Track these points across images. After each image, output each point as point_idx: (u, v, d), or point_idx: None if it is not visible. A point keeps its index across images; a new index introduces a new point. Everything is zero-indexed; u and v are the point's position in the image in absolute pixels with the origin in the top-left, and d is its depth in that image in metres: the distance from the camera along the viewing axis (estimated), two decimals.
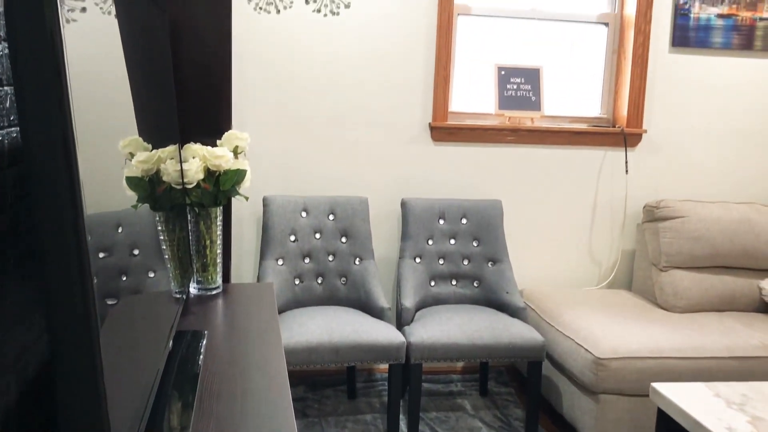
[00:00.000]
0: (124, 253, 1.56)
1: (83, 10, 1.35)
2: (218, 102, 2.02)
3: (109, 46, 1.44)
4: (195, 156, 1.85)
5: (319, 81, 3.12)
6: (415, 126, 3.23)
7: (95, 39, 1.31)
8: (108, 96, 1.39)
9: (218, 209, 1.91)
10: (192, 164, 1.82)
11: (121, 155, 1.44)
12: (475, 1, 3.30)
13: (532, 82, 3.32)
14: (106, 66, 1.42)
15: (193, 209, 1.88)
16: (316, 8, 3.06)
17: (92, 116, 1.08)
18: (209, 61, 2.00)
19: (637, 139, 3.39)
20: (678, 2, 3.33)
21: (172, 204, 1.86)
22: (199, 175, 1.83)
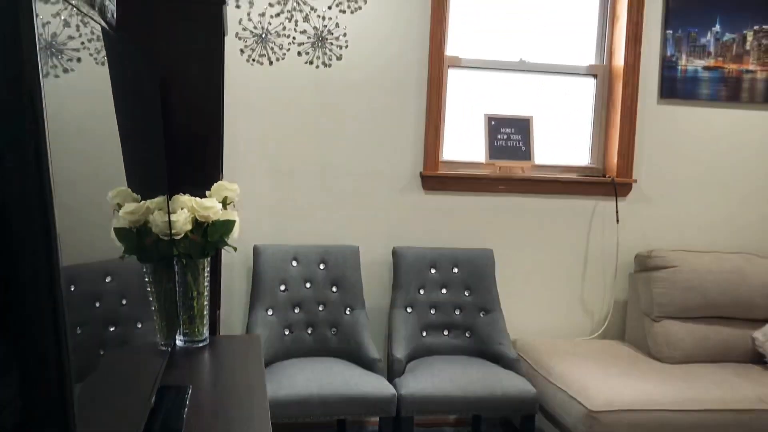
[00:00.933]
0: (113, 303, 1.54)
1: (78, 60, 1.36)
2: (208, 153, 2.03)
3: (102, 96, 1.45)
4: (183, 207, 1.84)
5: (311, 130, 3.14)
6: (406, 175, 3.25)
7: (88, 89, 1.32)
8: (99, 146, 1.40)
9: (206, 260, 1.89)
10: (180, 215, 1.82)
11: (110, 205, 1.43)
12: (465, 53, 3.35)
13: (522, 132, 3.36)
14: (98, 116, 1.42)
15: (180, 260, 1.87)
16: (309, 60, 3.10)
17: (83, 165, 1.08)
18: (200, 112, 2.02)
19: (627, 188, 3.41)
20: (665, 55, 3.40)
21: (159, 255, 1.85)
22: (187, 226, 1.83)
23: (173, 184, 2.03)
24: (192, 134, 2.03)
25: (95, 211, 1.29)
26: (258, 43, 3.05)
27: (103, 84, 1.44)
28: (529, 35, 3.42)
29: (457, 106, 3.38)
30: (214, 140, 2.05)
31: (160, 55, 1.98)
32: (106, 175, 1.49)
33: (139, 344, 1.54)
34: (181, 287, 1.88)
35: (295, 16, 3.07)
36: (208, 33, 2.00)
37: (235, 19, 3.02)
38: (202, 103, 2.02)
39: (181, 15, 1.98)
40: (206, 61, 2.01)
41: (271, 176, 3.13)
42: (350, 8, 3.12)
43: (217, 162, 2.05)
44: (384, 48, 3.17)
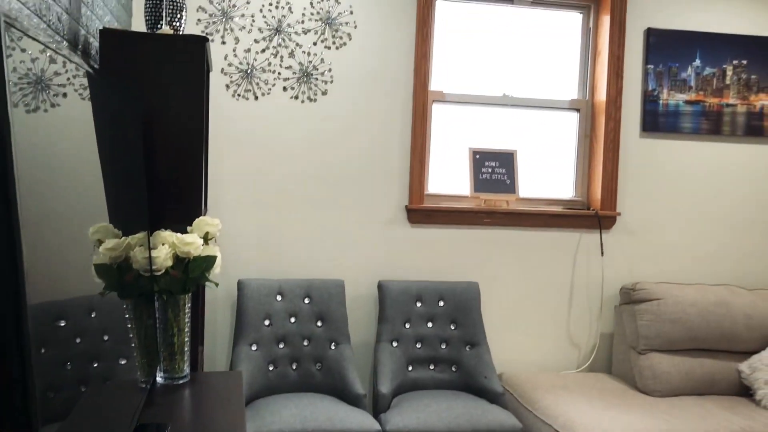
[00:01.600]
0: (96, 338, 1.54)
1: (64, 96, 1.38)
2: (191, 188, 2.04)
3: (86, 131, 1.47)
4: (164, 243, 1.85)
5: (296, 164, 3.16)
6: (391, 208, 3.26)
7: (73, 124, 1.33)
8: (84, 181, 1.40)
9: (187, 297, 1.89)
10: (161, 251, 1.82)
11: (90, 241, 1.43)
12: (449, 88, 3.40)
13: (506, 165, 3.39)
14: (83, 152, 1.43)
15: (161, 296, 1.86)
16: (294, 95, 3.14)
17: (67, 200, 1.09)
18: (183, 148, 2.04)
19: (611, 221, 3.44)
20: (647, 89, 3.45)
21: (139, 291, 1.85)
22: (168, 262, 1.83)
23: (155, 219, 2.03)
24: (174, 170, 2.04)
25: (80, 246, 1.30)
26: (244, 78, 3.09)
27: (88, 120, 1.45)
28: (512, 70, 3.48)
29: (441, 139, 3.41)
30: (197, 176, 2.06)
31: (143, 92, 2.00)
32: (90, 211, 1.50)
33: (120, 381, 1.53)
34: (161, 323, 1.87)
35: (280, 52, 3.12)
36: (191, 70, 2.03)
37: (221, 55, 3.06)
38: (185, 140, 2.04)
39: (165, 52, 2.01)
40: (189, 98, 2.03)
41: (256, 210, 3.14)
42: (335, 44, 3.16)
43: (199, 197, 2.06)
44: (369, 83, 3.21)
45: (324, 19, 3.14)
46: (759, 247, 3.60)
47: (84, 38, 2.00)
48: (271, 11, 3.10)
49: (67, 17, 1.78)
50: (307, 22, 3.13)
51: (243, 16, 3.07)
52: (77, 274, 1.22)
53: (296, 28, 3.12)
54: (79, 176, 1.36)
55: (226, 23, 3.06)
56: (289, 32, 3.12)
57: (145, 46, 1.99)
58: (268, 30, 3.10)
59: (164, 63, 2.00)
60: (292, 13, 3.12)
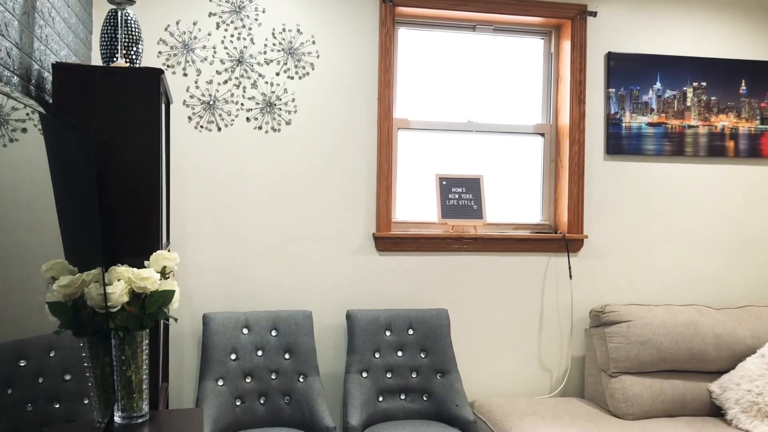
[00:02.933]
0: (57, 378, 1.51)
1: (24, 131, 1.37)
2: (147, 222, 2.02)
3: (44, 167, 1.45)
4: (120, 278, 1.83)
5: (261, 194, 3.16)
6: (359, 237, 3.26)
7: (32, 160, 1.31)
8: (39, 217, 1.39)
9: (144, 333, 1.87)
10: (116, 287, 1.80)
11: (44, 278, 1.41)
12: (414, 115, 3.43)
13: (473, 191, 3.41)
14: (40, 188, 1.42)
15: (117, 333, 1.84)
16: (258, 126, 3.14)
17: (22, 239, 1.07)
18: (139, 181, 2.02)
19: (579, 244, 3.47)
20: (609, 112, 3.51)
21: (95, 329, 1.82)
22: (124, 297, 1.81)
23: (112, 254, 2.01)
24: (130, 203, 2.03)
25: (38, 284, 1.27)
26: (206, 110, 3.09)
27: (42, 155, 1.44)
28: (476, 96, 3.52)
29: (407, 167, 3.43)
30: (154, 209, 2.04)
31: (98, 125, 1.99)
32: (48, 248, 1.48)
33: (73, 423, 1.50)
34: (118, 361, 1.84)
35: (243, 82, 3.12)
36: (147, 102, 2.02)
37: (183, 87, 3.06)
38: (141, 172, 2.03)
39: (119, 85, 2.00)
40: (145, 130, 2.02)
41: (221, 242, 3.12)
42: (298, 74, 3.18)
43: (156, 231, 2.04)
44: (333, 112, 3.22)
45: (286, 50, 3.16)
46: (725, 266, 3.64)
47: (38, 73, 1.98)
48: (233, 42, 3.11)
49: (18, 52, 1.77)
50: (270, 53, 3.15)
51: (204, 48, 3.08)
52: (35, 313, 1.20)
53: (258, 58, 3.14)
54: (36, 212, 1.34)
55: (187, 55, 3.06)
56: (252, 63, 3.13)
57: (99, 79, 1.99)
58: (230, 61, 3.11)
59: (119, 96, 1.99)
60: (254, 44, 3.13)
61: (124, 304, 1.81)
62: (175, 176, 3.05)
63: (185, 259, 3.05)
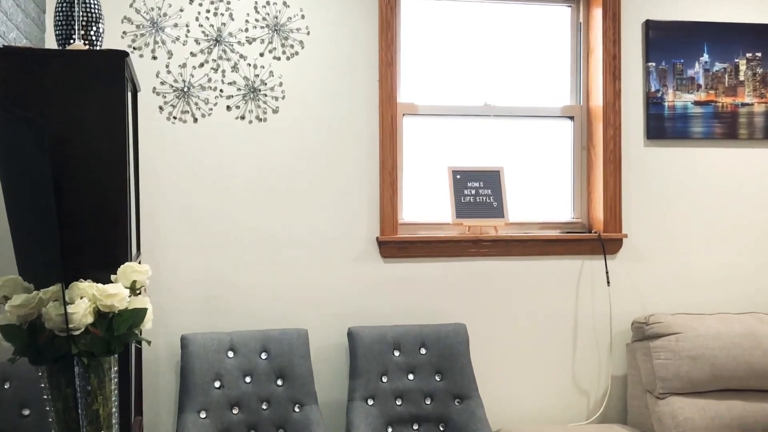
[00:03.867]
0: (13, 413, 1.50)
1: None
2: (114, 230, 2.03)
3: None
4: (83, 296, 1.83)
5: (247, 195, 3.15)
6: (360, 241, 3.26)
7: None
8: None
9: (112, 359, 1.87)
10: (79, 306, 1.80)
11: None
12: (421, 99, 3.42)
13: (492, 185, 3.41)
14: None
15: (81, 360, 1.84)
16: (240, 115, 3.14)
17: None
18: (103, 182, 2.02)
19: (617, 245, 3.46)
20: (649, 90, 3.50)
21: (55, 355, 1.82)
22: (88, 318, 1.80)
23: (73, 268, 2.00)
24: (94, 209, 2.03)
25: None
26: (179, 98, 3.09)
27: None
28: (494, 76, 3.51)
29: (415, 159, 3.43)
30: (121, 214, 2.05)
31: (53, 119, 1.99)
32: None
33: None
34: (82, 392, 1.84)
35: (221, 65, 3.12)
36: (109, 91, 2.03)
37: (152, 72, 3.06)
38: (105, 172, 2.03)
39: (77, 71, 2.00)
40: (108, 123, 2.03)
41: (200, 251, 3.12)
42: (285, 54, 3.18)
43: (125, 240, 2.04)
44: (327, 97, 3.22)
45: (271, 26, 3.16)
46: None
47: None
48: (209, 19, 3.11)
49: None
50: (252, 30, 3.15)
51: (176, 26, 3.08)
52: None
53: (239, 37, 3.14)
54: None
55: (156, 35, 3.06)
56: (231, 42, 3.13)
57: (54, 65, 1.99)
58: (206, 41, 3.11)
59: (77, 84, 1.99)
60: (234, 21, 3.13)
61: (88, 325, 1.81)
62: (146, 176, 3.05)
63: (159, 271, 3.05)
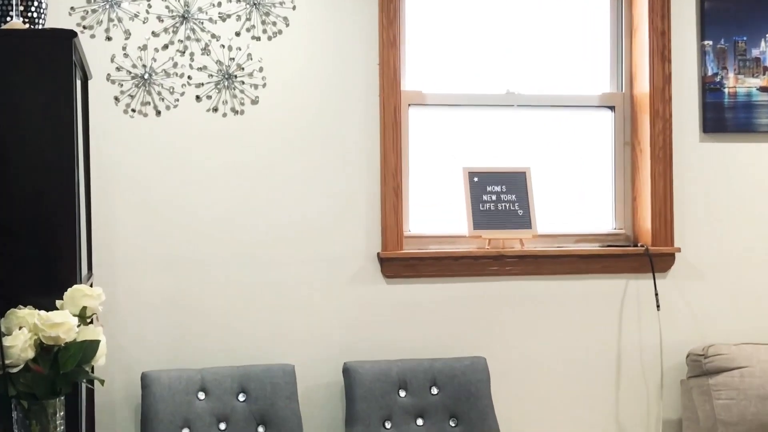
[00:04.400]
0: None
1: None
2: (59, 246, 2.03)
3: None
4: (22, 326, 1.83)
5: (221, 203, 3.15)
6: (357, 258, 3.25)
7: None
8: None
9: (58, 401, 1.87)
10: (17, 338, 1.80)
11: None
12: (430, 86, 3.43)
13: (517, 189, 3.41)
14: None
15: (20, 403, 1.84)
16: (212, 106, 3.14)
17: None
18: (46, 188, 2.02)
19: (668, 261, 3.46)
20: (705, 74, 3.50)
21: None
22: (28, 352, 1.81)
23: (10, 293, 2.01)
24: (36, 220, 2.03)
25: None
26: (139, 86, 3.09)
27: None
28: (518, 58, 3.51)
29: (424, 158, 3.43)
30: (68, 227, 2.05)
31: None
32: None
33: None
34: None
35: (190, 47, 3.13)
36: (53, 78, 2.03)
37: (106, 55, 3.07)
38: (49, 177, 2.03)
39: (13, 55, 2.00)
40: (53, 118, 2.03)
41: (165, 271, 3.11)
42: (267, 33, 3.19)
43: (72, 257, 2.05)
44: (316, 84, 3.22)
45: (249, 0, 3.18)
46: None
47: None
48: None
49: None
50: (227, 5, 3.16)
51: (135, 1, 3.09)
52: None
53: (211, 13, 3.14)
54: None
55: (111, 11, 3.07)
56: (201, 19, 3.14)
57: None
58: (170, 18, 3.12)
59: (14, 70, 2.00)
60: None
61: (28, 361, 1.81)
62: (99, 180, 3.05)
63: (115, 295, 3.05)
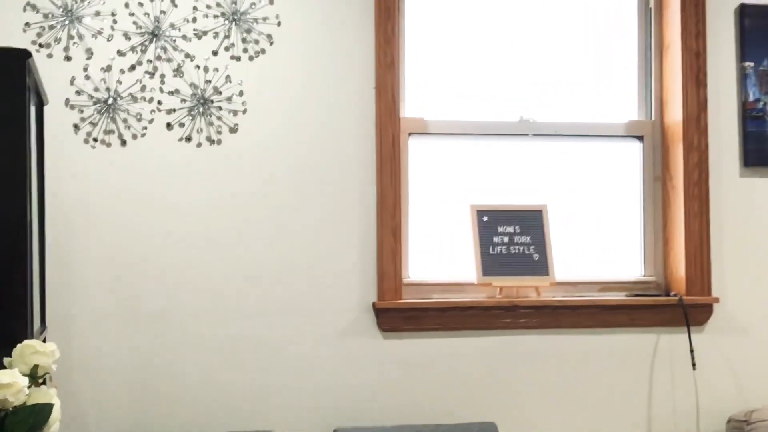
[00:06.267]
0: None
1: None
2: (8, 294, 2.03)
3: None
4: None
5: (194, 245, 3.15)
6: (350, 309, 3.25)
7: None
8: None
9: None
10: None
11: None
12: (433, 112, 3.44)
13: (532, 230, 3.41)
14: None
15: None
16: (185, 135, 3.15)
17: None
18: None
19: (705, 312, 3.45)
20: (746, 100, 3.51)
21: None
22: None
23: None
24: None
25: None
26: (102, 112, 3.10)
27: None
28: (532, 81, 3.53)
29: (426, 195, 3.43)
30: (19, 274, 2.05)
31: None
32: None
33: None
34: None
35: (160, 68, 3.14)
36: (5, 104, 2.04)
37: (64, 77, 3.08)
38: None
39: None
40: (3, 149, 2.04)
41: (128, 324, 3.10)
42: (248, 52, 3.20)
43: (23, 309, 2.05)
44: (303, 110, 3.23)
45: (228, 15, 3.19)
46: None
47: None
48: (143, 5, 3.14)
49: None
50: (202, 21, 3.17)
51: (98, 15, 3.10)
52: None
53: (184, 29, 3.16)
54: None
55: (71, 28, 3.09)
56: (174, 37, 3.15)
57: None
58: (138, 35, 3.13)
59: None
60: (177, 8, 3.16)
61: None
62: (54, 220, 3.05)
63: (71, 352, 3.04)
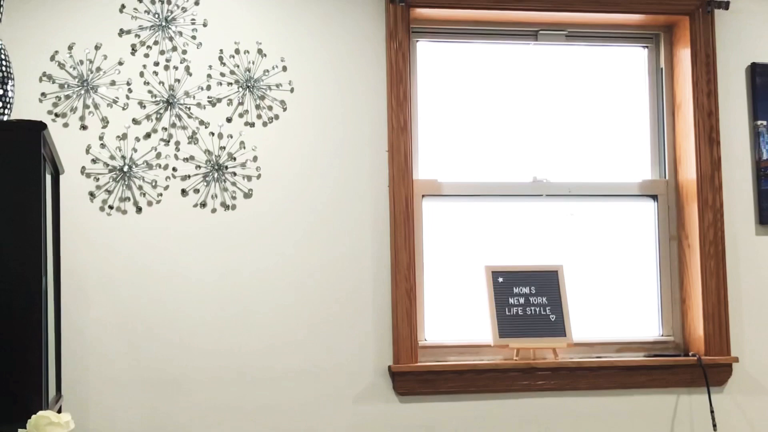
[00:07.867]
0: None
1: None
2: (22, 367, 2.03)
3: None
4: None
5: (208, 311, 3.15)
6: (366, 373, 3.24)
7: None
8: None
9: None
10: None
11: None
12: (446, 174, 3.46)
13: (548, 291, 3.40)
14: None
15: None
16: (199, 201, 3.17)
17: None
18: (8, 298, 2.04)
19: (725, 372, 3.43)
20: (760, 158, 3.51)
21: None
22: None
23: None
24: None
25: None
26: (118, 180, 3.13)
27: None
28: (545, 141, 3.55)
29: (440, 256, 3.44)
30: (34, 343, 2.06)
31: None
32: None
33: None
34: None
35: (175, 135, 3.17)
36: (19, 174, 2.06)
37: (80, 146, 3.11)
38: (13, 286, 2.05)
39: None
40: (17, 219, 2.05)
41: (145, 391, 3.10)
42: (262, 118, 3.23)
43: (38, 380, 2.05)
44: (317, 175, 3.26)
45: (242, 82, 3.23)
46: None
47: None
48: (158, 74, 3.18)
49: None
50: (216, 88, 3.21)
51: (113, 84, 3.14)
52: None
53: (199, 97, 3.20)
54: None
55: (86, 97, 3.13)
56: (188, 104, 3.19)
57: None
58: (153, 103, 3.17)
59: None
60: (192, 76, 3.20)
61: None
62: (70, 288, 3.07)
63: (87, 422, 3.04)
